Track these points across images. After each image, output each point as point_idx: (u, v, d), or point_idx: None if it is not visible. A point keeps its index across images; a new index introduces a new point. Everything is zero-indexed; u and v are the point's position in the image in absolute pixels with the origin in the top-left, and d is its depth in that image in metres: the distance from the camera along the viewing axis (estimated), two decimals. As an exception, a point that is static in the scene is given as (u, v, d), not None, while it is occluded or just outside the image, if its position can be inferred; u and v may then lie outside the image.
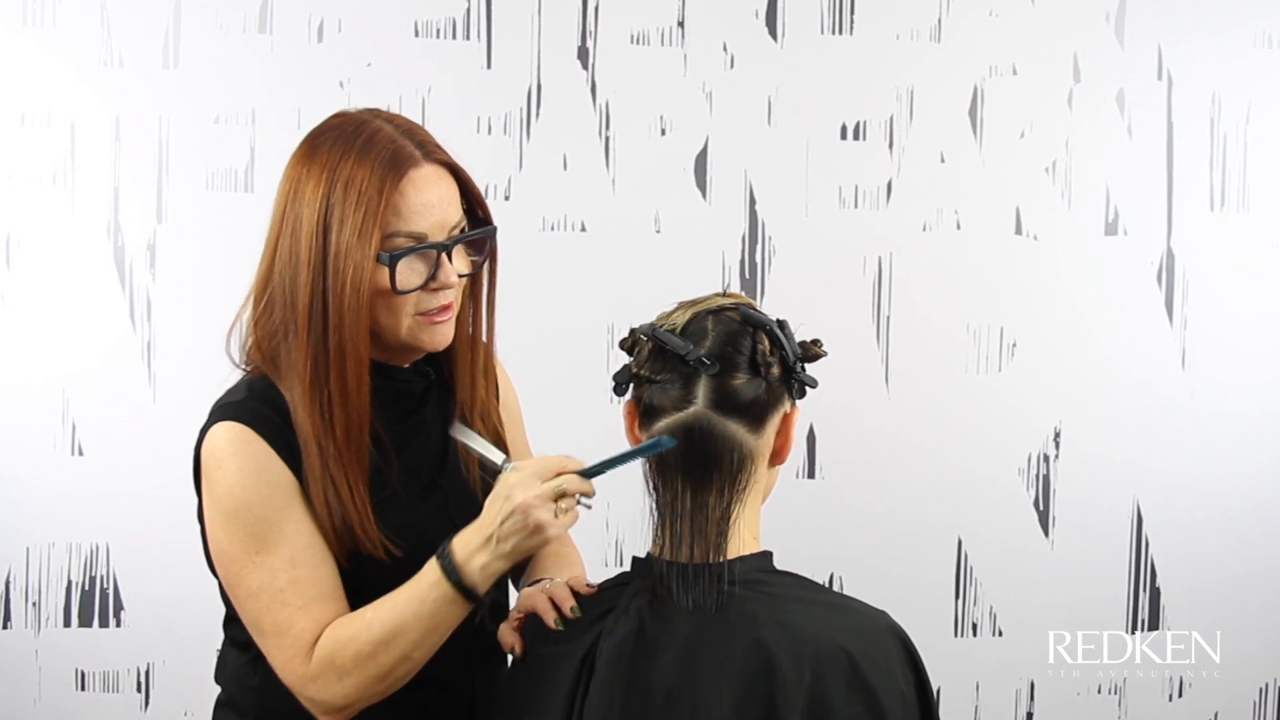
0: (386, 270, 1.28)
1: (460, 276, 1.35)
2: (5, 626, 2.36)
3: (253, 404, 1.31)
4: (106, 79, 2.33)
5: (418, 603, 1.22)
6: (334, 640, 1.25)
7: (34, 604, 2.37)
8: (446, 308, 1.34)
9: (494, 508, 1.21)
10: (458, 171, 1.37)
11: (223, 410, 1.32)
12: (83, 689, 2.38)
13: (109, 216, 2.34)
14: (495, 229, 1.39)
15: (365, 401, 1.30)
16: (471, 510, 1.31)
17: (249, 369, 1.38)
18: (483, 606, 1.25)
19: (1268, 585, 2.53)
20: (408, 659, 1.25)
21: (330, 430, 1.29)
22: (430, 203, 1.32)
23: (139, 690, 2.39)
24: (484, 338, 1.46)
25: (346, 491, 1.29)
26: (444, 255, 1.32)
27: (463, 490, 1.42)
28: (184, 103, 2.35)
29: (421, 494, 1.39)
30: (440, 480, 1.42)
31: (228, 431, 1.29)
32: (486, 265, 1.42)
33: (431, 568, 1.23)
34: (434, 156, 1.35)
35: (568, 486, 1.20)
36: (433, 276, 1.31)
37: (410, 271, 1.31)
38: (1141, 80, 2.48)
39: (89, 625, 2.38)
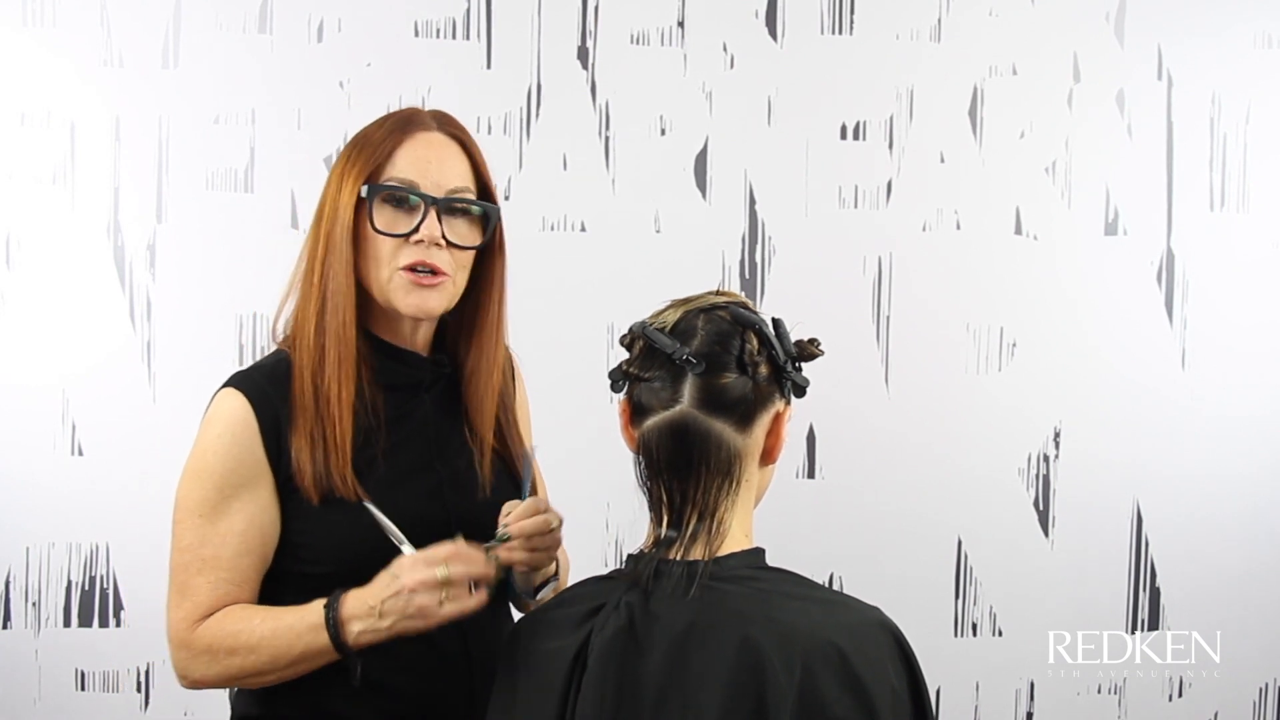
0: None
1: (451, 244, 1.36)
2: (5, 626, 2.36)
3: (258, 378, 1.38)
4: (106, 79, 2.33)
5: (294, 635, 1.29)
6: (220, 626, 1.32)
7: (34, 604, 2.37)
8: (432, 270, 1.36)
9: (381, 582, 1.27)
10: (471, 152, 1.41)
11: (234, 378, 1.39)
12: (83, 689, 2.37)
13: (109, 216, 2.34)
14: (497, 208, 1.42)
15: (352, 349, 1.35)
16: (468, 493, 1.40)
17: (280, 344, 1.43)
18: (351, 661, 1.29)
19: (1268, 585, 2.53)
20: (262, 675, 1.32)
21: (321, 370, 1.34)
22: (428, 158, 1.37)
23: (139, 690, 2.39)
24: (493, 329, 1.47)
25: (334, 440, 1.34)
26: (432, 211, 1.35)
27: (459, 476, 1.44)
28: (184, 103, 2.35)
29: (412, 473, 1.41)
30: (437, 465, 1.43)
31: (231, 399, 1.36)
32: (497, 261, 1.45)
33: (317, 611, 1.28)
34: (448, 129, 1.40)
35: (454, 575, 1.24)
36: (415, 229, 1.34)
37: (394, 217, 1.35)
38: (1141, 80, 2.48)
39: (89, 625, 2.38)
